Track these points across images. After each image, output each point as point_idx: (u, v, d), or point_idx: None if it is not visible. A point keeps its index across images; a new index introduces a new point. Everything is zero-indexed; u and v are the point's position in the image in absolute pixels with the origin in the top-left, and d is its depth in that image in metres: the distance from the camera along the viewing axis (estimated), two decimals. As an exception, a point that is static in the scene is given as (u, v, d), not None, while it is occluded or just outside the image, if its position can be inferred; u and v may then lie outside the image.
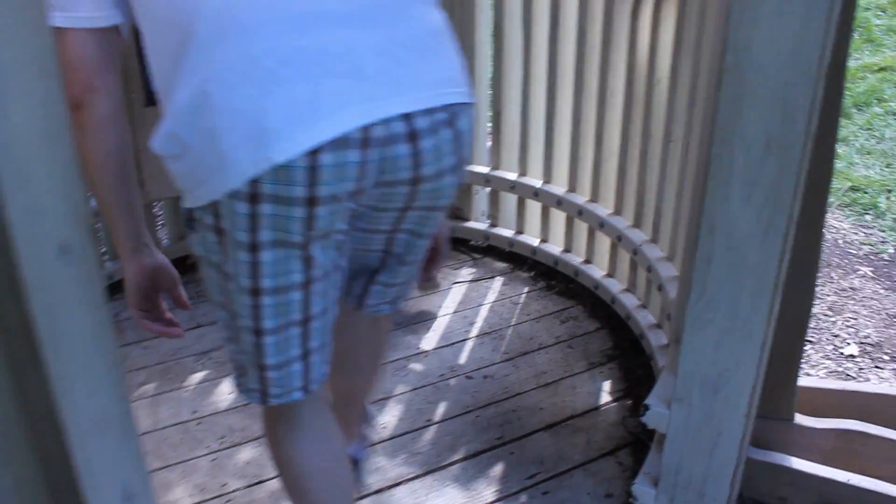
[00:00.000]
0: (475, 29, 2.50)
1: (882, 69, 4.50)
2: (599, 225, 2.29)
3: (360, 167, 0.97)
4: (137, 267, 1.18)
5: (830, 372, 2.21)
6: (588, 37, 2.20)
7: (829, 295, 2.60)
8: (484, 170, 2.62)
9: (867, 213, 3.10)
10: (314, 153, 0.92)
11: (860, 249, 2.88)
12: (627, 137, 2.16)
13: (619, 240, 2.24)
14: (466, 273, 2.59)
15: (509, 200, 2.64)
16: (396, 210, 1.12)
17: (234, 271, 1.03)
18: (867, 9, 5.54)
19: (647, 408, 1.53)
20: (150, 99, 2.17)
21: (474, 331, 2.30)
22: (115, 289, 2.15)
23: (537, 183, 2.49)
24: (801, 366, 1.69)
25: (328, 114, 0.93)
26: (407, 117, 0.98)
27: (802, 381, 1.89)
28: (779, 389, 1.69)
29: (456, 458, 1.86)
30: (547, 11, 2.29)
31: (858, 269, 2.75)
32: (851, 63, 4.60)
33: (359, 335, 1.44)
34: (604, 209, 2.31)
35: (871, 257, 2.83)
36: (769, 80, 1.19)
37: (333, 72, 0.94)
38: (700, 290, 1.35)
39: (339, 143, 0.93)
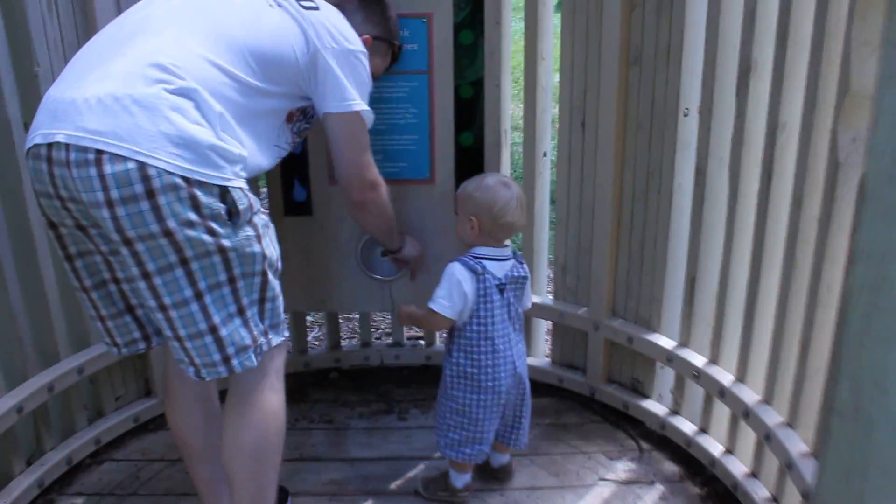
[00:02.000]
0: (673, 167, 1.99)
1: None
2: (787, 465, 1.64)
3: (37, 174, 1.35)
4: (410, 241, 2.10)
5: None
6: (805, 206, 1.60)
7: None
8: (669, 344, 2.08)
9: None
10: (27, 156, 1.38)
11: None
12: (839, 357, 1.51)
13: (808, 496, 1.57)
14: (622, 469, 2.05)
15: (696, 387, 2.06)
16: (75, 226, 1.39)
17: None
18: None
19: None
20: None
21: (594, 560, 1.77)
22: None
23: (727, 379, 1.89)
24: None
25: (29, 134, 1.37)
26: (50, 146, 1.30)
27: None
28: None
29: None
30: (758, 163, 1.73)
31: None
32: None
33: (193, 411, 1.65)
34: (801, 442, 1.65)
35: None
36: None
37: (44, 109, 1.36)
38: None
39: (29, 153, 1.35)
